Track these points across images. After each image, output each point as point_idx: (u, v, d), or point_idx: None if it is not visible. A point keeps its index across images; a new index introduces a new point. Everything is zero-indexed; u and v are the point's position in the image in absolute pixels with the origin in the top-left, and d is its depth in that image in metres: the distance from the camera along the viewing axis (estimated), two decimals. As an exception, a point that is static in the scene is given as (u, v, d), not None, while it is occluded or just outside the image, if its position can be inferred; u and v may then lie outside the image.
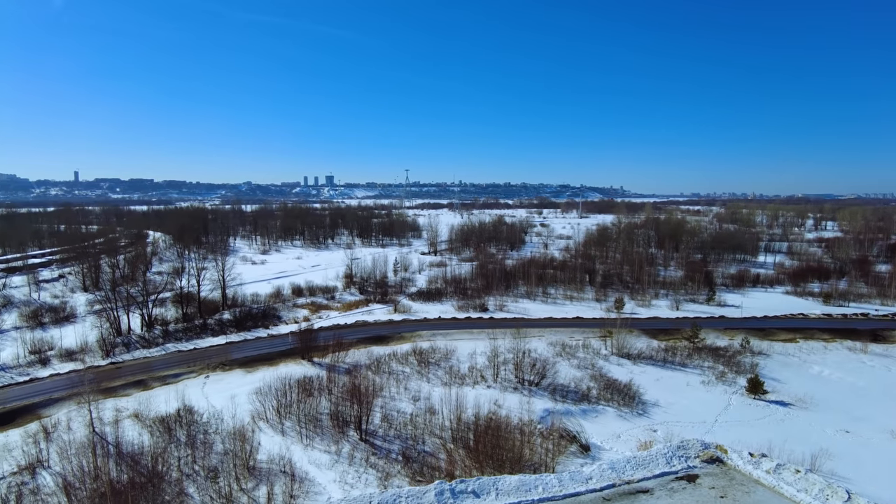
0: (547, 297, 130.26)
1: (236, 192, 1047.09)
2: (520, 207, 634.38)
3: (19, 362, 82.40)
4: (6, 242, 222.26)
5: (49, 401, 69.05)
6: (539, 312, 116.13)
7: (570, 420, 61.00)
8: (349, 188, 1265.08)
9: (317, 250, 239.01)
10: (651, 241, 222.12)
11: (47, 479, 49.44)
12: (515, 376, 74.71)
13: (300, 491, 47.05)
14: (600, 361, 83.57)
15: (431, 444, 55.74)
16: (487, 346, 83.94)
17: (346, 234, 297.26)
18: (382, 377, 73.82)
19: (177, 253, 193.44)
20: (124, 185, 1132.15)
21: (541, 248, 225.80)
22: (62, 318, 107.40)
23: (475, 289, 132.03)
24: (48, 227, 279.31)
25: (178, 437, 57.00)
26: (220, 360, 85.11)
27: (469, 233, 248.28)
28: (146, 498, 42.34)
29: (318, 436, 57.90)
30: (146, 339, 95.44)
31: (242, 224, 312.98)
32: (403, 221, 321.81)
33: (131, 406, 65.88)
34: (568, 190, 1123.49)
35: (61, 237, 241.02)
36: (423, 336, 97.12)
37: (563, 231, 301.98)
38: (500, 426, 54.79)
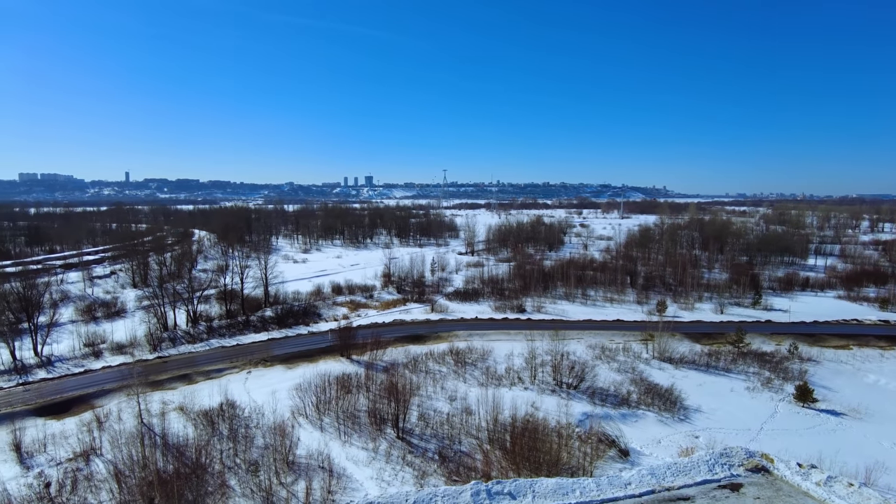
0: (586, 299, 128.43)
1: (279, 193, 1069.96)
2: (559, 207, 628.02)
3: (75, 354, 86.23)
4: (64, 240, 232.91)
5: (101, 392, 71.95)
6: (578, 314, 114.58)
7: (608, 424, 59.95)
8: (388, 188, 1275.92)
9: (356, 249, 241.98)
10: (695, 243, 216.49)
11: (100, 467, 51.54)
12: (553, 379, 73.92)
13: (338, 487, 47.67)
14: (641, 365, 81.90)
15: (468, 445, 55.67)
16: (525, 347, 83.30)
17: (384, 233, 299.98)
18: (419, 376, 74.15)
19: (221, 251, 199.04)
20: (171, 185, 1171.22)
21: (580, 248, 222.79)
22: (113, 313, 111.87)
23: (512, 289, 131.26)
24: (101, 226, 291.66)
25: (221, 431, 58.55)
26: (261, 356, 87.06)
27: (507, 233, 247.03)
28: (190, 489, 43.62)
29: (356, 433, 58.56)
30: (191, 334, 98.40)
31: (284, 223, 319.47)
32: (441, 221, 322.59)
33: (177, 399, 68.02)
34: (609, 190, 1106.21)
35: (113, 235, 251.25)
36: (459, 336, 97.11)
37: (604, 232, 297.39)
38: (538, 428, 54.27)
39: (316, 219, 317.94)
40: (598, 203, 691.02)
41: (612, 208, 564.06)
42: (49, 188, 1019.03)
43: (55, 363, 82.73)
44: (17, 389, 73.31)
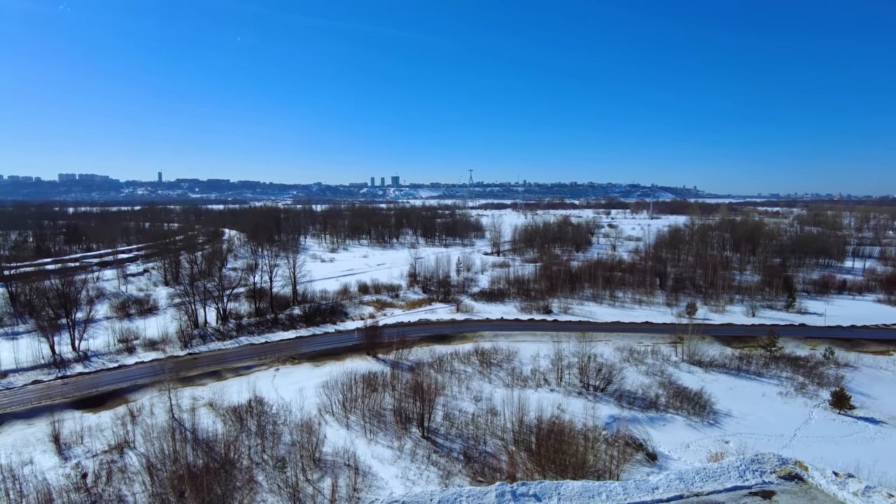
0: (614, 301, 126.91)
1: (307, 193, 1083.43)
2: (587, 207, 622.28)
3: (109, 350, 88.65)
4: (100, 239, 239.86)
5: (134, 387, 73.81)
6: (606, 316, 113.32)
7: (636, 427, 59.13)
8: (414, 188, 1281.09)
9: (382, 249, 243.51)
10: (726, 244, 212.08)
11: (133, 459, 52.88)
12: (580, 381, 73.25)
13: (363, 485, 48.02)
14: (670, 368, 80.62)
15: (493, 445, 55.53)
16: (551, 348, 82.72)
17: (410, 233, 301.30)
18: (445, 376, 74.23)
19: (251, 250, 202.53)
20: (203, 185, 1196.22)
21: (608, 249, 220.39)
22: (146, 310, 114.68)
23: (539, 290, 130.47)
24: (135, 225, 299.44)
25: (249, 427, 59.50)
26: (289, 354, 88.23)
27: (533, 233, 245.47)
28: (219, 483, 44.44)
29: (382, 431, 58.92)
30: (221, 331, 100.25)
31: (312, 223, 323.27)
32: (466, 221, 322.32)
33: (206, 395, 69.37)
34: (638, 190, 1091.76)
35: (146, 234, 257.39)
36: (485, 336, 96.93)
37: (633, 232, 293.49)
38: (564, 430, 53.82)
39: (343, 219, 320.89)
40: (626, 203, 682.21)
41: (641, 208, 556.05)
42: (86, 188, 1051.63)
43: (91, 358, 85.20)
44: (56, 383, 75.72)
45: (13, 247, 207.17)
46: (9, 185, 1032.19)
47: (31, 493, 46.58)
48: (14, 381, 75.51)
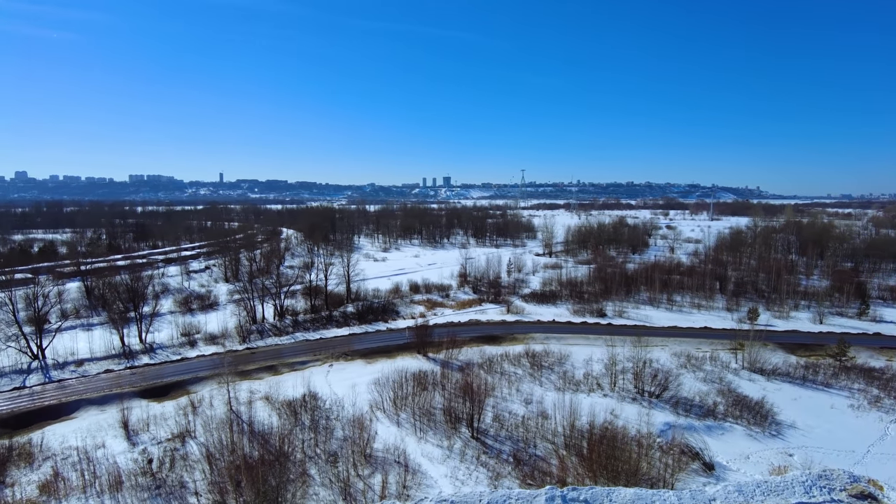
0: (672, 305, 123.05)
1: (361, 193, 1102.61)
2: (643, 208, 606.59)
3: (173, 343, 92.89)
4: (165, 236, 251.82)
5: (195, 379, 77.04)
6: (662, 320, 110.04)
7: (692, 436, 57.16)
8: (465, 189, 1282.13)
9: (433, 249, 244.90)
10: (791, 247, 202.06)
11: (193, 448, 55.21)
12: (634, 386, 71.42)
13: (412, 482, 48.40)
14: (729, 375, 77.47)
15: (543, 449, 54.90)
16: (604, 352, 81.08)
17: (461, 233, 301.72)
18: (494, 377, 73.91)
19: (307, 249, 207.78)
20: (261, 185, 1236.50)
21: (666, 251, 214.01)
22: (207, 306, 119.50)
23: (592, 293, 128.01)
24: (198, 224, 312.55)
25: (303, 421, 61.02)
26: (342, 350, 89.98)
27: (587, 234, 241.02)
28: (274, 475, 45.76)
29: (431, 430, 59.23)
30: (278, 327, 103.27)
31: (366, 223, 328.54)
32: (518, 222, 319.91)
33: (263, 389, 71.61)
34: (697, 190, 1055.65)
35: (208, 232, 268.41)
36: (536, 338, 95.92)
37: (692, 234, 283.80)
38: (616, 436, 52.61)
39: (395, 219, 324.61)
40: (685, 204, 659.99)
41: (700, 209, 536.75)
42: (153, 188, 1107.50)
43: (156, 350, 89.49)
44: (126, 372, 79.96)
45: (89, 244, 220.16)
46: (86, 186, 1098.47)
47: (103, 474, 49.61)
48: (89, 370, 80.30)
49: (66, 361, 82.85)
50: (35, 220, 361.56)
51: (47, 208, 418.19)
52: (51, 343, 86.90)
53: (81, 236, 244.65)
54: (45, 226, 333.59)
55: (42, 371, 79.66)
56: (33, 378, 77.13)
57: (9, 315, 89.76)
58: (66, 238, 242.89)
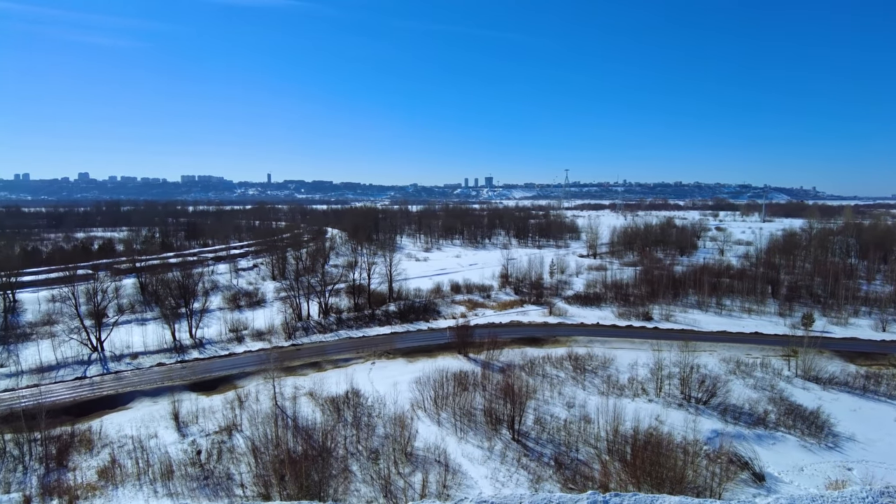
0: (721, 309, 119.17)
1: (403, 194, 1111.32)
2: (692, 209, 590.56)
3: (221, 338, 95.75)
4: (215, 235, 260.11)
5: (242, 374, 79.20)
6: (711, 325, 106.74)
7: (741, 445, 55.20)
8: (507, 189, 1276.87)
9: (474, 249, 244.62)
10: (850, 251, 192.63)
11: (240, 441, 56.77)
12: (681, 392, 69.50)
13: (453, 482, 48.42)
14: (781, 383, 74.44)
15: (585, 453, 54.05)
16: (650, 357, 79.23)
17: (502, 234, 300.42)
18: (536, 379, 73.24)
19: (351, 248, 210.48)
20: (308, 185, 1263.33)
21: (716, 254, 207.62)
22: (254, 303, 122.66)
23: (638, 295, 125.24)
24: (246, 223, 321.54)
25: (346, 418, 61.90)
26: (385, 349, 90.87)
27: (633, 235, 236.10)
28: (316, 470, 46.57)
29: (472, 430, 59.13)
30: (322, 324, 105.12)
31: (408, 223, 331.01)
32: (561, 222, 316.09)
33: (307, 385, 72.98)
34: (749, 190, 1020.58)
35: (256, 232, 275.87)
36: (579, 341, 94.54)
37: (743, 236, 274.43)
38: (661, 443, 51.36)
39: (437, 219, 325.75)
40: (736, 205, 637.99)
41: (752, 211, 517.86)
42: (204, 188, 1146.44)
43: (206, 345, 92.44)
44: (176, 366, 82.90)
45: (143, 242, 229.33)
46: (141, 186, 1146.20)
47: (155, 463, 51.72)
48: (143, 362, 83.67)
49: (122, 354, 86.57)
50: (95, 218, 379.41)
51: (106, 208, 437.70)
52: (108, 336, 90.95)
53: (137, 234, 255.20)
54: (104, 224, 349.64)
55: (101, 362, 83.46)
56: (93, 369, 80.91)
57: (72, 309, 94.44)
58: (123, 236, 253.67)
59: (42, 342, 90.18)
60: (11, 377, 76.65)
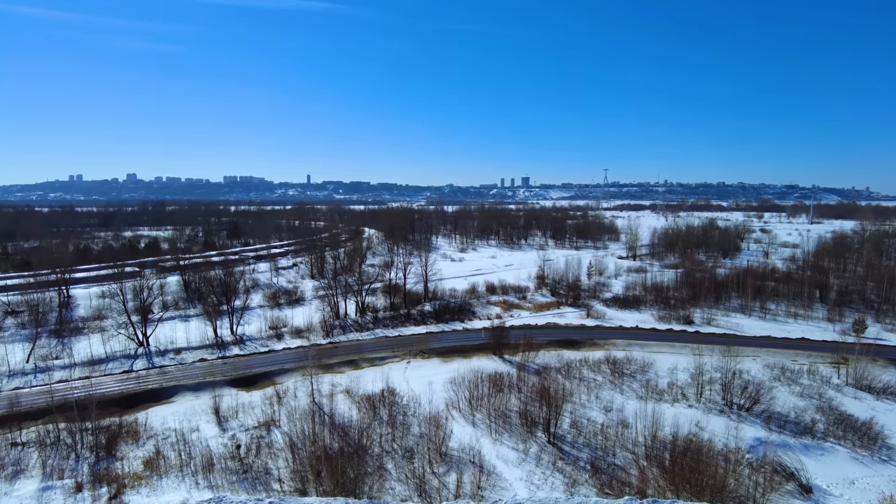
0: (765, 313, 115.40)
1: (439, 194, 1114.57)
2: (735, 210, 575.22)
3: (261, 335, 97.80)
4: (256, 234, 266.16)
5: (281, 370, 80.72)
6: (754, 329, 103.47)
7: (787, 454, 53.28)
8: (544, 189, 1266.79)
9: (510, 250, 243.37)
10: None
11: (278, 437, 57.87)
12: (722, 398, 67.59)
13: (487, 483, 48.27)
14: (830, 392, 71.55)
15: (622, 458, 53.12)
16: (691, 361, 77.38)
17: (539, 234, 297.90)
18: (573, 382, 72.35)
19: (387, 248, 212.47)
20: (346, 186, 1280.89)
21: (760, 256, 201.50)
22: (294, 301, 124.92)
23: (679, 299, 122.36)
24: (286, 223, 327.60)
25: (381, 416, 62.42)
26: (420, 348, 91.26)
27: (674, 237, 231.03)
28: (352, 467, 47.06)
29: (507, 432, 58.83)
30: (359, 323, 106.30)
31: (444, 223, 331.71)
32: (600, 223, 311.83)
33: (344, 382, 73.89)
34: (796, 191, 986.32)
35: (296, 231, 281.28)
36: (617, 345, 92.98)
37: (789, 238, 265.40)
38: (701, 449, 50.03)
39: (473, 219, 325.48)
40: (782, 206, 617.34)
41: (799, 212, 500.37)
42: (245, 189, 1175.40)
43: (246, 342, 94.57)
44: (218, 362, 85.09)
45: (187, 240, 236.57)
46: (185, 187, 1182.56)
47: (197, 455, 53.16)
48: (186, 358, 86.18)
49: (167, 349, 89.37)
50: (142, 218, 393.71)
51: (152, 207, 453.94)
52: (154, 332, 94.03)
53: (181, 233, 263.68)
54: (150, 223, 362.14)
55: (146, 357, 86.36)
56: (139, 363, 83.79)
57: (120, 305, 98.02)
58: (168, 235, 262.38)
59: (93, 336, 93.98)
60: (65, 369, 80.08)
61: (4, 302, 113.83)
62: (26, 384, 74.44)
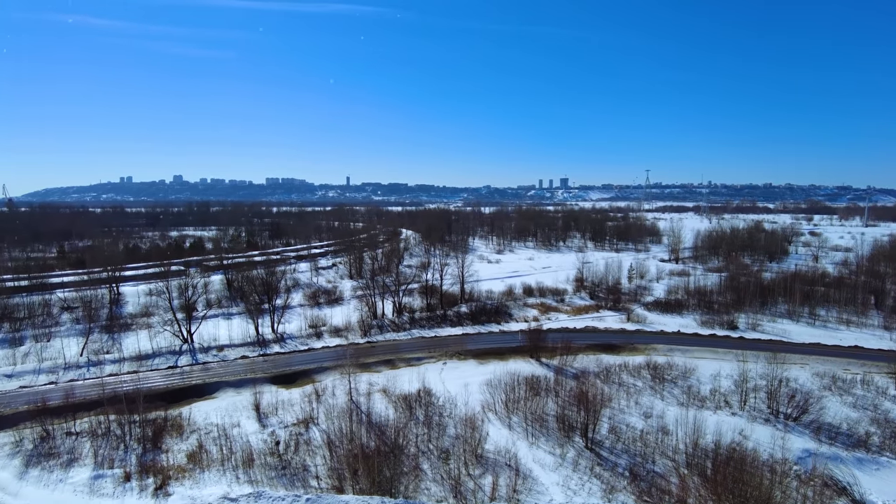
0: (815, 319, 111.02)
1: (476, 195, 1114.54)
2: (783, 212, 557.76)
3: (301, 334, 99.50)
4: (297, 235, 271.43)
5: (320, 368, 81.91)
6: (803, 336, 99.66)
7: (838, 468, 51.05)
8: (584, 190, 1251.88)
9: (548, 252, 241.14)
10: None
11: (316, 434, 58.71)
12: (768, 407, 65.32)
13: (523, 487, 47.88)
14: (886, 403, 68.22)
15: (662, 466, 51.88)
16: (734, 368, 75.07)
17: (578, 236, 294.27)
18: (612, 387, 71.08)
19: (424, 249, 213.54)
20: (384, 188, 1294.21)
21: (809, 260, 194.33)
22: (333, 300, 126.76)
23: (723, 303, 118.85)
24: (326, 224, 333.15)
25: (417, 416, 62.63)
26: (456, 349, 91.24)
27: (718, 239, 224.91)
28: (388, 466, 47.39)
29: (544, 436, 58.23)
30: (396, 323, 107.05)
31: (481, 225, 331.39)
32: (641, 225, 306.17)
33: (381, 382, 74.47)
34: (849, 192, 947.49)
35: (335, 232, 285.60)
36: (658, 350, 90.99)
37: (841, 241, 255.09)
38: (745, 459, 48.42)
39: (510, 221, 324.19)
40: (833, 208, 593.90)
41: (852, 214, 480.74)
42: (287, 190, 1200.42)
43: (286, 340, 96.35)
44: (259, 359, 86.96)
45: (231, 240, 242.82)
46: (229, 188, 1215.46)
47: (238, 451, 54.43)
48: (228, 355, 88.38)
49: (210, 346, 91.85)
50: (187, 218, 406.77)
51: (197, 208, 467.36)
52: (197, 329, 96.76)
53: (225, 233, 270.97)
54: (195, 223, 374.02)
55: (190, 353, 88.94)
56: (183, 359, 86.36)
57: (166, 302, 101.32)
58: (212, 235, 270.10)
59: (140, 332, 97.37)
60: (115, 363, 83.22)
61: (61, 298, 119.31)
62: (80, 377, 77.69)
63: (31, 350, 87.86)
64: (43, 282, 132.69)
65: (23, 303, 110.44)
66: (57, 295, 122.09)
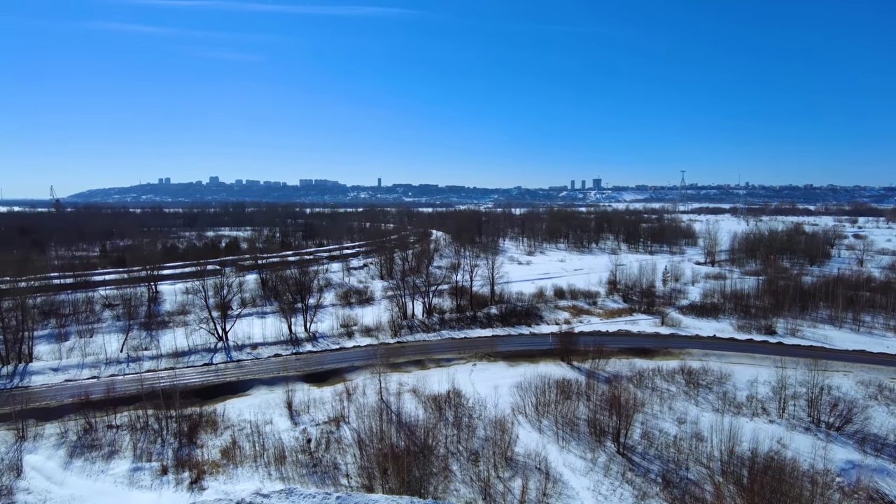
0: (858, 325, 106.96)
1: (507, 196, 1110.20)
2: (825, 214, 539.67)
3: (333, 333, 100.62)
4: (329, 235, 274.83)
5: (351, 368, 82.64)
6: (846, 343, 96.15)
7: (885, 480, 49.09)
8: (617, 191, 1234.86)
9: (580, 254, 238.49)
10: None
11: (346, 433, 59.24)
12: (808, 415, 63.23)
13: (553, 491, 47.39)
14: (936, 414, 65.36)
15: (696, 473, 50.70)
16: (772, 374, 72.99)
17: (611, 238, 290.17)
18: (645, 392, 69.89)
19: (454, 250, 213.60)
20: (415, 189, 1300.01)
21: (853, 264, 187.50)
22: (364, 300, 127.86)
23: (760, 307, 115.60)
24: (357, 224, 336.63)
25: (447, 417, 62.61)
26: (486, 351, 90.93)
27: (756, 242, 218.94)
28: (418, 466, 47.50)
29: (574, 440, 57.56)
30: (426, 324, 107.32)
31: (511, 226, 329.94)
32: (676, 227, 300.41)
33: (411, 382, 74.72)
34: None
35: (366, 233, 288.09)
36: (693, 354, 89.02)
37: (888, 245, 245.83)
38: (784, 468, 46.95)
39: (541, 222, 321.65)
40: (879, 210, 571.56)
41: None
42: (320, 192, 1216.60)
43: (318, 339, 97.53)
44: (291, 358, 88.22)
45: (265, 241, 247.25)
46: (264, 189, 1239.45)
47: (270, 447, 55.30)
48: (261, 353, 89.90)
49: (244, 344, 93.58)
50: (223, 218, 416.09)
51: (232, 209, 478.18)
52: (232, 327, 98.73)
53: (259, 234, 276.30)
54: (231, 224, 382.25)
55: (225, 351, 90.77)
56: (218, 357, 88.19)
57: (202, 301, 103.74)
58: (247, 235, 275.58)
59: (177, 330, 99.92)
60: (153, 359, 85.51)
61: (103, 295, 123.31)
62: (120, 371, 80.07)
63: (75, 345, 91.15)
64: (86, 280, 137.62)
65: (68, 300, 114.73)
66: (99, 292, 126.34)
